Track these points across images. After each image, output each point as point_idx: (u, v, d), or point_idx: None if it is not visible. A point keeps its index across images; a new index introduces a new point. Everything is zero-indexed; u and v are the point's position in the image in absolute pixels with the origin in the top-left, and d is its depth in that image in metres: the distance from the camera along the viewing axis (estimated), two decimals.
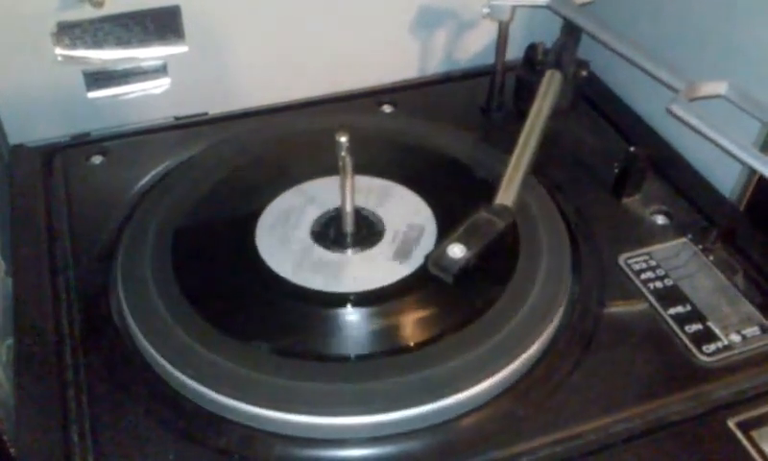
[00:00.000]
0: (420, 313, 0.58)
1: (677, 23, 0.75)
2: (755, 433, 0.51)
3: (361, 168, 0.63)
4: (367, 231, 0.63)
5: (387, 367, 0.53)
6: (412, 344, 0.55)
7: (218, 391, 0.51)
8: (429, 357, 0.54)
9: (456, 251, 0.58)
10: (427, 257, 0.59)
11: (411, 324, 0.57)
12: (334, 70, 0.84)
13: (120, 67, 0.77)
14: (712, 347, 0.56)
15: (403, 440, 0.51)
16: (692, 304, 0.59)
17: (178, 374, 0.53)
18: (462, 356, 0.53)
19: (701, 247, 0.64)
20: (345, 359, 0.54)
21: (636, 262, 0.63)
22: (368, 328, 0.57)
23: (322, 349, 0.55)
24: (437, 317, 0.58)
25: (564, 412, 0.52)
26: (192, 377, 0.52)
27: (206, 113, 0.81)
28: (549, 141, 0.69)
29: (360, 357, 0.54)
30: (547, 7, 0.74)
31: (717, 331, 0.57)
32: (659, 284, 0.61)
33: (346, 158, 0.58)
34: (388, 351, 0.55)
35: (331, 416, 0.51)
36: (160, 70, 0.78)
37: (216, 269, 0.61)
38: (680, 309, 0.59)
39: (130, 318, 0.57)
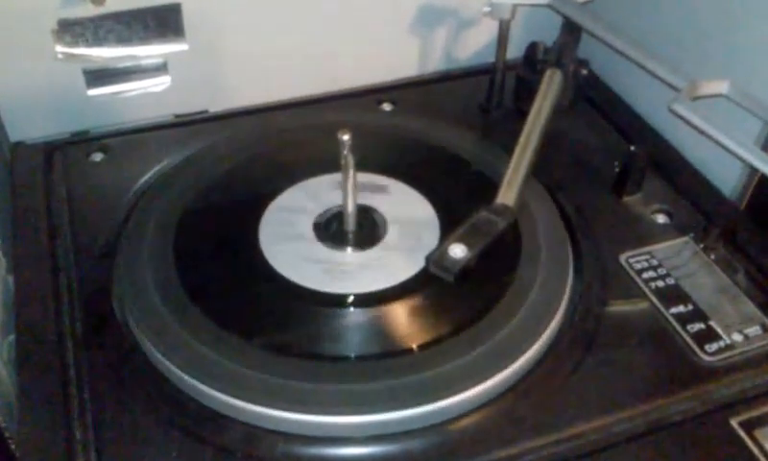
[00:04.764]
0: (422, 313, 0.58)
1: (677, 22, 0.75)
2: (758, 432, 0.51)
3: (363, 166, 0.63)
4: (369, 230, 0.63)
5: (389, 367, 0.53)
6: (413, 344, 0.55)
7: (219, 389, 0.51)
8: (430, 357, 0.54)
9: (457, 251, 0.58)
10: (428, 258, 0.59)
11: (412, 324, 0.57)
12: (334, 68, 0.84)
13: (121, 65, 0.77)
14: (714, 346, 0.56)
15: (405, 438, 0.51)
16: (694, 304, 0.60)
17: (179, 371, 0.53)
18: (463, 356, 0.53)
19: (702, 246, 0.64)
20: (349, 359, 0.54)
21: (638, 261, 0.63)
22: (369, 328, 0.57)
23: (323, 348, 0.55)
24: (438, 317, 0.57)
25: (566, 412, 0.52)
26: (193, 375, 0.52)
27: (207, 111, 0.81)
28: (549, 140, 0.69)
29: (363, 357, 0.54)
30: (548, 5, 0.74)
31: (719, 331, 0.57)
32: (660, 283, 0.61)
33: (348, 157, 0.58)
34: (389, 350, 0.55)
35: (332, 415, 0.51)
36: (161, 68, 0.78)
37: (218, 267, 0.61)
38: (681, 309, 0.59)
39: (131, 315, 0.57)
